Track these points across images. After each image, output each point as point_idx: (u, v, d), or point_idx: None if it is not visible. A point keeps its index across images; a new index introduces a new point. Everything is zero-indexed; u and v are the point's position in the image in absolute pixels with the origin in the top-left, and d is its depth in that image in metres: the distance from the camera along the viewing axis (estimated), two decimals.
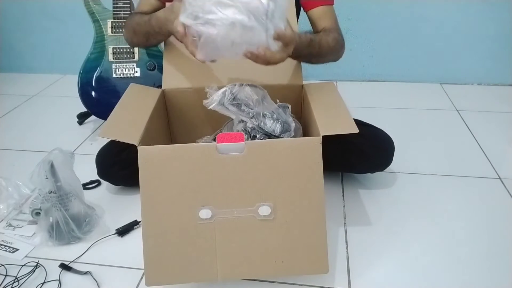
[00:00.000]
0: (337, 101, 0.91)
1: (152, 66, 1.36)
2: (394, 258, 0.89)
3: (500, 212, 1.03)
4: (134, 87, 0.97)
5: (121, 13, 1.37)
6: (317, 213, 0.75)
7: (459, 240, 0.94)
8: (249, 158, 0.73)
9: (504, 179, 1.15)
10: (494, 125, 1.45)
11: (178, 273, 0.75)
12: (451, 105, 1.62)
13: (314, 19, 1.07)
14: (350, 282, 0.83)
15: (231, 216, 0.74)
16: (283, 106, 0.95)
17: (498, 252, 0.90)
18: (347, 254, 0.90)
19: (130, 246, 0.94)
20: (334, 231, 0.97)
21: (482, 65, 1.77)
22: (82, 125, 1.52)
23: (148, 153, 0.73)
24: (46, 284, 0.85)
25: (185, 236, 0.74)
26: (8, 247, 0.94)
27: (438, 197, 1.07)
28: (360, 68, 1.85)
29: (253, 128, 0.89)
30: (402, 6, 1.71)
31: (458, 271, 0.86)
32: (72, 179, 0.94)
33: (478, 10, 1.67)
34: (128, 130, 0.79)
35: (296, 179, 0.74)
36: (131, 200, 1.09)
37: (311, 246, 0.75)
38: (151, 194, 0.73)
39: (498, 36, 1.70)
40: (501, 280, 0.84)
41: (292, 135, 0.91)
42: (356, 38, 1.75)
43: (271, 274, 0.80)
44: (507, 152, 1.28)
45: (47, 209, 0.93)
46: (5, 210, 1.05)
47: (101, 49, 1.37)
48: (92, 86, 1.37)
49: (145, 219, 0.74)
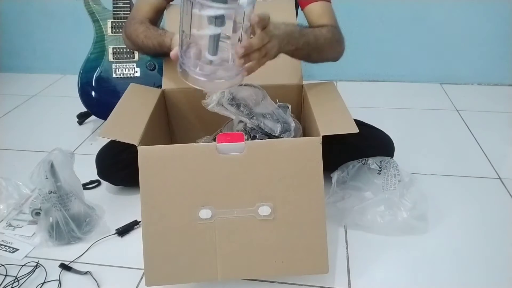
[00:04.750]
0: (337, 101, 0.91)
1: (152, 66, 1.36)
2: (394, 258, 0.89)
3: (500, 212, 1.02)
4: (134, 87, 0.97)
5: (121, 13, 1.37)
6: (317, 213, 0.75)
7: (459, 240, 0.94)
8: (249, 158, 0.73)
9: (504, 179, 1.15)
10: (494, 125, 1.45)
11: (178, 273, 0.75)
12: (451, 105, 1.62)
13: (311, 17, 1.04)
14: (350, 282, 0.83)
15: (231, 216, 0.74)
16: (283, 106, 0.95)
17: (498, 252, 0.90)
18: (347, 254, 0.90)
19: (130, 246, 0.94)
20: (334, 231, 0.97)
21: (482, 65, 1.77)
22: (82, 125, 1.52)
23: (148, 153, 0.73)
24: (46, 284, 0.84)
25: (185, 236, 0.74)
26: (8, 247, 0.94)
27: (438, 197, 1.06)
28: (360, 68, 1.85)
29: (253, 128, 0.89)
30: (402, 6, 1.71)
31: (458, 271, 0.86)
32: (72, 179, 0.94)
33: (478, 10, 1.67)
34: (128, 130, 0.79)
35: (296, 179, 0.74)
36: (131, 200, 1.08)
37: (311, 246, 0.75)
38: (151, 194, 0.73)
39: (498, 36, 1.70)
40: (501, 280, 0.84)
41: (292, 135, 0.91)
42: (356, 38, 1.75)
43: (271, 274, 0.80)
44: (507, 152, 1.28)
45: (47, 209, 0.93)
46: (5, 210, 1.05)
47: (101, 49, 1.37)
48: (92, 86, 1.37)
49: (145, 219, 0.74)
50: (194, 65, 0.72)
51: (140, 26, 1.00)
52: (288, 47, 0.84)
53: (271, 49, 0.76)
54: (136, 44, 1.01)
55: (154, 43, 0.96)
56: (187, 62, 0.73)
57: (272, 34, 0.76)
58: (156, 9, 1.06)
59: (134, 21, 1.02)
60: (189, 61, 0.72)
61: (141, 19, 1.02)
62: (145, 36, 0.98)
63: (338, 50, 1.00)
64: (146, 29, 0.98)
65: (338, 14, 1.07)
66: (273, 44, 0.76)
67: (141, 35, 0.98)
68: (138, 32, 0.99)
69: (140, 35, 0.98)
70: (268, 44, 0.75)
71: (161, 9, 1.08)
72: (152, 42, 0.97)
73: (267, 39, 0.74)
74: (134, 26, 1.01)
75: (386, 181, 0.97)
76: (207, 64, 0.72)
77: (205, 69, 0.72)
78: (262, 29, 0.73)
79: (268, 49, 0.76)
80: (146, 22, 1.01)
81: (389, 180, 0.97)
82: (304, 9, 1.06)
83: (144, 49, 1.01)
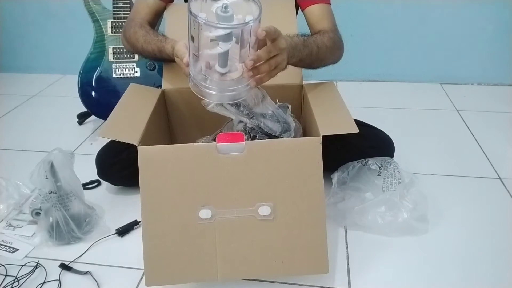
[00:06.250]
0: (337, 101, 0.91)
1: (152, 66, 1.36)
2: (394, 259, 0.89)
3: (500, 212, 1.02)
4: (134, 87, 0.97)
5: (121, 13, 1.37)
6: (317, 213, 0.75)
7: (459, 240, 0.94)
8: (249, 158, 0.73)
9: (504, 179, 1.15)
10: (494, 125, 1.45)
11: (178, 273, 0.75)
12: (451, 105, 1.62)
13: (311, 19, 1.05)
14: (350, 282, 0.83)
15: (231, 216, 0.74)
16: (283, 106, 0.95)
17: (498, 252, 0.90)
18: (347, 254, 0.90)
19: (130, 246, 0.94)
20: (334, 232, 0.97)
21: (482, 65, 1.77)
22: (82, 125, 1.52)
23: (148, 153, 0.73)
24: (46, 284, 0.84)
25: (185, 236, 0.74)
26: (8, 247, 0.94)
27: (438, 197, 1.06)
28: (360, 68, 1.85)
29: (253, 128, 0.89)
30: (402, 6, 1.71)
31: (458, 271, 0.86)
32: (72, 179, 0.94)
33: (478, 10, 1.67)
34: (128, 130, 0.79)
35: (296, 179, 0.74)
36: (131, 200, 1.08)
37: (311, 246, 0.75)
38: (151, 194, 0.73)
39: (497, 36, 1.70)
40: (501, 280, 0.84)
41: (292, 135, 0.91)
42: (356, 38, 1.75)
43: (271, 274, 0.80)
44: (507, 152, 1.28)
45: (47, 209, 0.93)
46: (5, 210, 1.05)
47: (101, 49, 1.37)
48: (92, 86, 1.37)
49: (145, 219, 0.74)
50: (204, 79, 0.75)
51: (139, 30, 0.99)
52: (293, 60, 0.86)
53: (281, 62, 0.79)
54: (136, 48, 1.01)
55: (154, 49, 0.96)
56: (197, 76, 0.75)
57: (282, 47, 0.77)
58: (155, 10, 1.06)
59: (133, 24, 1.02)
60: (199, 75, 0.75)
61: (141, 22, 1.02)
62: (144, 41, 0.97)
63: (338, 56, 1.03)
64: (146, 34, 0.98)
65: (339, 14, 1.07)
66: (283, 58, 0.79)
67: (141, 39, 0.98)
68: (138, 36, 0.99)
69: (140, 39, 0.98)
70: (277, 56, 0.77)
71: (160, 11, 1.07)
72: (152, 47, 0.96)
73: (275, 52, 0.76)
74: (133, 29, 1.00)
75: (387, 182, 0.97)
76: (217, 77, 0.75)
77: (215, 82, 0.75)
78: (271, 41, 0.75)
79: (278, 62, 0.78)
80: (145, 26, 1.01)
81: (389, 181, 0.97)
82: (304, 11, 1.07)
83: (144, 53, 1.01)
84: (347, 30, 1.02)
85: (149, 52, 0.98)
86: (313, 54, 0.91)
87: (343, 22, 1.05)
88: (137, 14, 1.05)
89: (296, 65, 0.91)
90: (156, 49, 0.96)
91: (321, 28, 1.02)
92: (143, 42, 0.98)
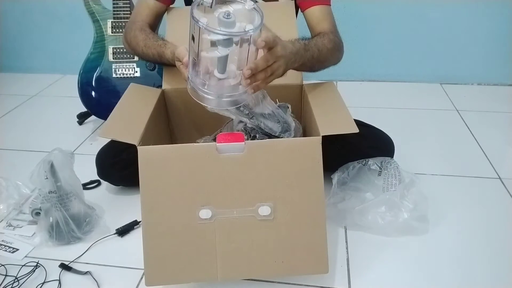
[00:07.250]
0: (337, 101, 0.91)
1: (152, 66, 1.36)
2: (394, 259, 0.89)
3: (500, 212, 1.02)
4: (134, 87, 0.97)
5: (121, 13, 1.37)
6: (317, 213, 0.75)
7: (459, 240, 0.94)
8: (249, 158, 0.73)
9: (504, 179, 1.15)
10: (494, 125, 1.45)
11: (178, 273, 0.75)
12: (451, 105, 1.62)
13: (311, 20, 1.05)
14: (350, 282, 0.83)
15: (231, 216, 0.74)
16: (283, 106, 0.95)
17: (498, 252, 0.90)
18: (347, 254, 0.90)
19: (130, 246, 0.94)
20: (334, 232, 0.97)
21: (482, 65, 1.77)
22: (82, 125, 1.52)
23: (148, 153, 0.73)
24: (46, 284, 0.84)
25: (185, 236, 0.74)
26: (8, 247, 0.94)
27: (438, 197, 1.06)
28: (360, 68, 1.84)
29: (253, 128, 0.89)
30: (402, 6, 1.71)
31: (458, 271, 0.86)
32: (72, 179, 0.94)
33: (478, 10, 1.67)
34: (128, 130, 0.79)
35: (296, 179, 0.74)
36: (131, 200, 1.08)
37: (311, 246, 0.75)
38: (151, 194, 0.73)
39: (498, 36, 1.70)
40: (501, 280, 0.84)
41: (292, 135, 0.91)
42: (356, 38, 1.75)
43: (271, 274, 0.80)
44: (507, 152, 1.28)
45: (47, 209, 0.93)
46: (5, 210, 1.05)
47: (101, 49, 1.37)
48: (92, 86, 1.37)
49: (145, 219, 0.74)
50: (202, 84, 0.75)
51: (139, 34, 1.00)
52: (295, 64, 0.86)
53: (277, 69, 0.79)
54: (136, 51, 1.02)
55: (154, 53, 0.96)
56: (195, 80, 0.75)
57: (279, 55, 0.78)
58: (156, 13, 1.06)
59: (134, 27, 1.02)
60: (197, 79, 0.75)
61: (141, 25, 1.02)
62: (144, 45, 0.98)
63: (338, 57, 1.03)
64: (146, 38, 0.98)
65: (339, 14, 1.07)
66: (279, 64, 0.79)
67: (141, 43, 0.98)
68: (138, 40, 0.99)
69: (140, 43, 0.99)
70: (274, 64, 0.78)
71: (160, 13, 1.07)
72: (152, 52, 0.97)
73: (272, 60, 0.77)
74: (133, 32, 1.01)
75: (387, 182, 0.97)
76: (215, 82, 0.75)
77: (213, 88, 0.75)
78: (268, 50, 0.76)
79: (274, 69, 0.78)
80: (146, 29, 1.01)
81: (389, 181, 0.97)
82: (305, 12, 1.07)
83: (145, 57, 1.02)
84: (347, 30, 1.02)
85: (150, 57, 0.99)
86: (315, 57, 0.92)
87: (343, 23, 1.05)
88: (138, 16, 1.05)
89: (298, 69, 0.92)
90: (156, 54, 0.96)
91: (321, 30, 1.02)
92: (143, 46, 0.98)
